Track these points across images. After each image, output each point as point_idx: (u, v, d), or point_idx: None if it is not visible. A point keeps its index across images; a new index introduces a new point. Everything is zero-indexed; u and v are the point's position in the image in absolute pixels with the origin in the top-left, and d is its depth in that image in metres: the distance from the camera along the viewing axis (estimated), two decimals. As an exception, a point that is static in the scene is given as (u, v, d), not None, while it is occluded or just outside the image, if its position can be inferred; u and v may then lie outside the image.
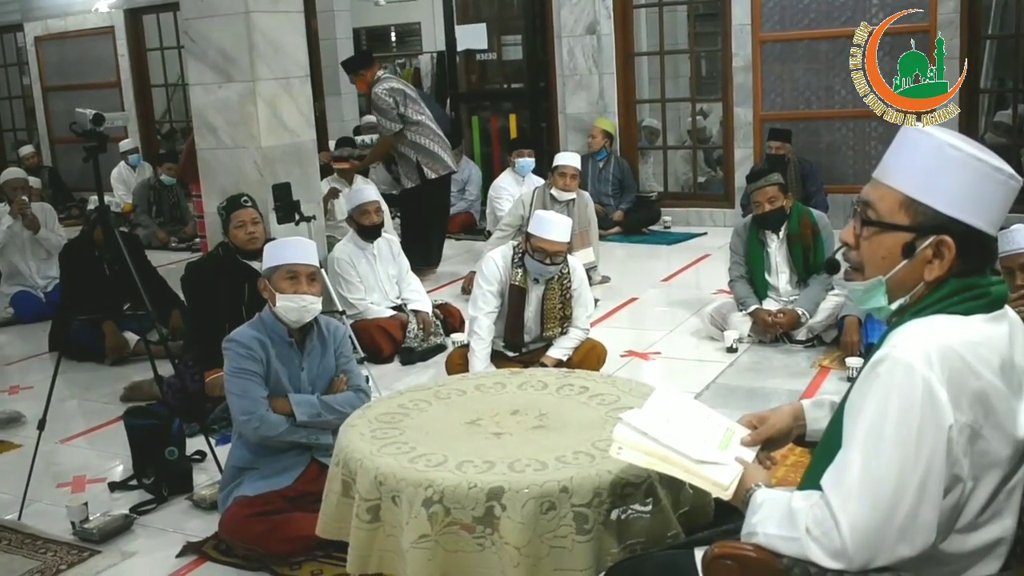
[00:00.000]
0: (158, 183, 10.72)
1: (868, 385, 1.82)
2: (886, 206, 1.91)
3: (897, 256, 1.90)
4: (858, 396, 1.84)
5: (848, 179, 9.04)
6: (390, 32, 15.75)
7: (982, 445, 1.79)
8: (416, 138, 7.89)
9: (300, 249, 3.80)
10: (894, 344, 1.81)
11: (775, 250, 5.91)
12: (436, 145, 7.98)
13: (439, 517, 2.42)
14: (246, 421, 3.63)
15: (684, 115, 11.25)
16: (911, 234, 1.88)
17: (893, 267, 1.91)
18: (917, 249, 1.88)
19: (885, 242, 1.91)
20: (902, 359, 1.77)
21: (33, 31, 14.51)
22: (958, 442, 1.75)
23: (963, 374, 1.77)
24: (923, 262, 1.88)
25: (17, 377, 6.24)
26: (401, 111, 7.83)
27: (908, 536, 1.74)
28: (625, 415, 2.14)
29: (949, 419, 1.74)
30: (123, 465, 4.56)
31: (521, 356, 5.11)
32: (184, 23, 5.99)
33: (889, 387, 1.77)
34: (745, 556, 1.87)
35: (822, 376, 5.29)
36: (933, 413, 1.73)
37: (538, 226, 4.89)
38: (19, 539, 3.88)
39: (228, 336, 3.71)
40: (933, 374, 1.74)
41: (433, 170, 7.95)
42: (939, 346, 1.77)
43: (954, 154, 1.85)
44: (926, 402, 1.73)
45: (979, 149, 1.87)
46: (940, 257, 1.87)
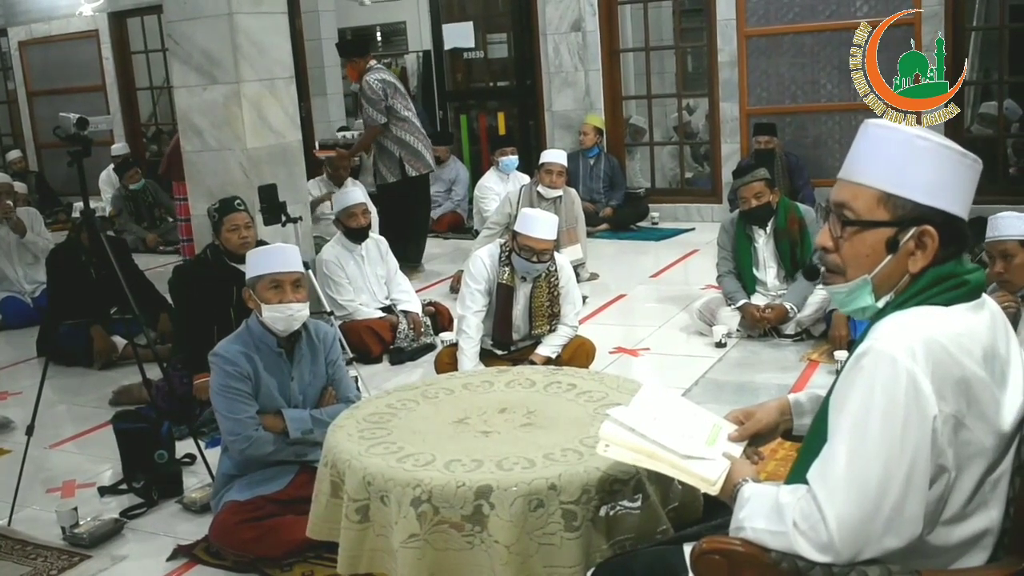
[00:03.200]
0: (128, 192, 10.68)
1: (852, 378, 1.82)
2: (863, 204, 1.92)
3: (881, 252, 1.91)
4: (842, 390, 1.85)
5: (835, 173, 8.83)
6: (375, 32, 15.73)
7: (966, 435, 1.80)
8: (401, 134, 7.86)
9: (282, 257, 3.73)
10: (876, 337, 1.82)
11: (762, 245, 5.92)
12: (420, 143, 7.96)
13: (428, 516, 2.42)
14: (233, 441, 3.61)
15: (670, 111, 11.26)
16: (893, 228, 1.89)
17: (878, 264, 1.92)
18: (901, 243, 1.89)
19: (867, 240, 1.92)
20: (885, 351, 1.78)
21: (17, 35, 14.46)
22: (942, 432, 1.76)
23: (946, 365, 1.77)
24: (906, 254, 1.89)
25: (5, 383, 6.22)
26: (389, 103, 7.80)
27: (895, 528, 1.75)
28: (612, 411, 2.14)
29: (933, 410, 1.74)
30: (113, 469, 4.54)
31: (510, 354, 5.11)
32: (168, 25, 5.98)
33: (873, 380, 1.77)
34: (733, 551, 1.87)
35: (811, 370, 5.30)
36: (917, 405, 1.74)
37: (524, 224, 4.89)
38: (9, 545, 3.87)
39: (213, 350, 3.65)
40: (917, 366, 1.75)
41: (415, 168, 7.92)
42: (922, 338, 1.78)
43: (924, 144, 1.88)
44: (910, 394, 1.74)
45: (941, 137, 1.90)
46: (923, 247, 1.88)
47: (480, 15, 11.01)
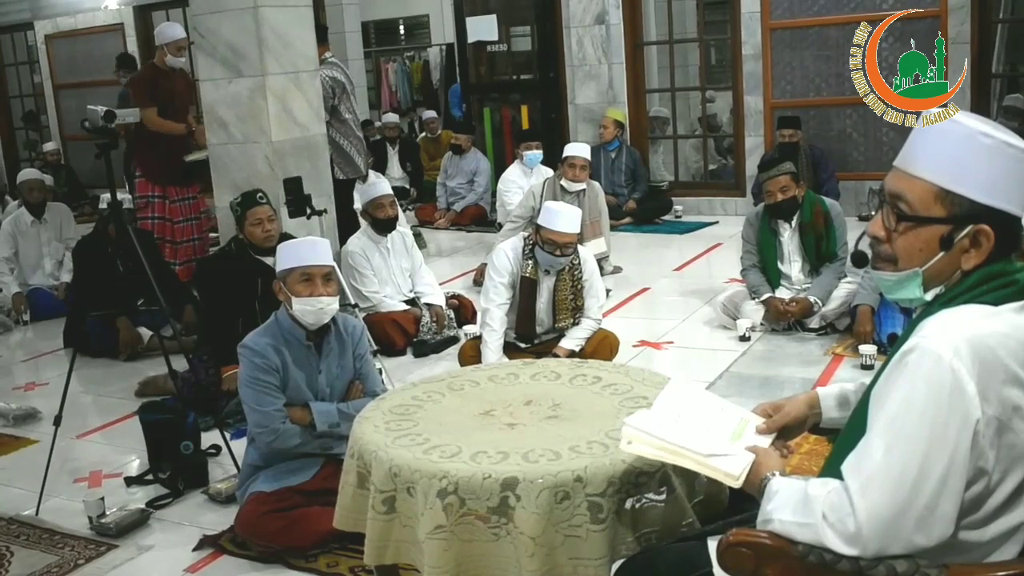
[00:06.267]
0: None
1: (896, 374, 1.79)
2: (919, 198, 1.86)
3: (935, 248, 1.86)
4: (885, 385, 1.82)
5: (859, 166, 9.03)
6: (398, 25, 15.76)
7: (1010, 438, 1.76)
8: (337, 136, 7.44)
9: (313, 249, 3.73)
10: (924, 334, 1.79)
11: (787, 239, 5.90)
12: (354, 148, 7.60)
13: (454, 508, 2.43)
14: (260, 434, 3.63)
15: (694, 104, 11.22)
16: (948, 226, 1.84)
17: (930, 259, 1.88)
18: (955, 240, 1.84)
19: (922, 235, 1.87)
20: (931, 349, 1.74)
21: (43, 29, 14.57)
22: (984, 435, 1.73)
23: (992, 366, 1.74)
24: (960, 252, 1.85)
25: (33, 374, 6.28)
26: (335, 103, 7.39)
27: (925, 527, 1.73)
28: (629, 419, 2.13)
29: (977, 412, 1.71)
30: (139, 460, 4.58)
31: (533, 347, 5.12)
32: (193, 19, 5.99)
33: (916, 377, 1.75)
34: (760, 543, 1.86)
35: (835, 364, 5.28)
36: (960, 405, 1.71)
37: (547, 218, 4.89)
38: (37, 534, 3.90)
39: (242, 342, 3.66)
40: (963, 365, 1.72)
41: (343, 171, 7.53)
42: (969, 337, 1.75)
43: (987, 142, 1.81)
44: (954, 394, 1.71)
45: (1007, 134, 1.83)
46: (978, 246, 1.83)
47: (503, 8, 10.98)
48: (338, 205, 7.77)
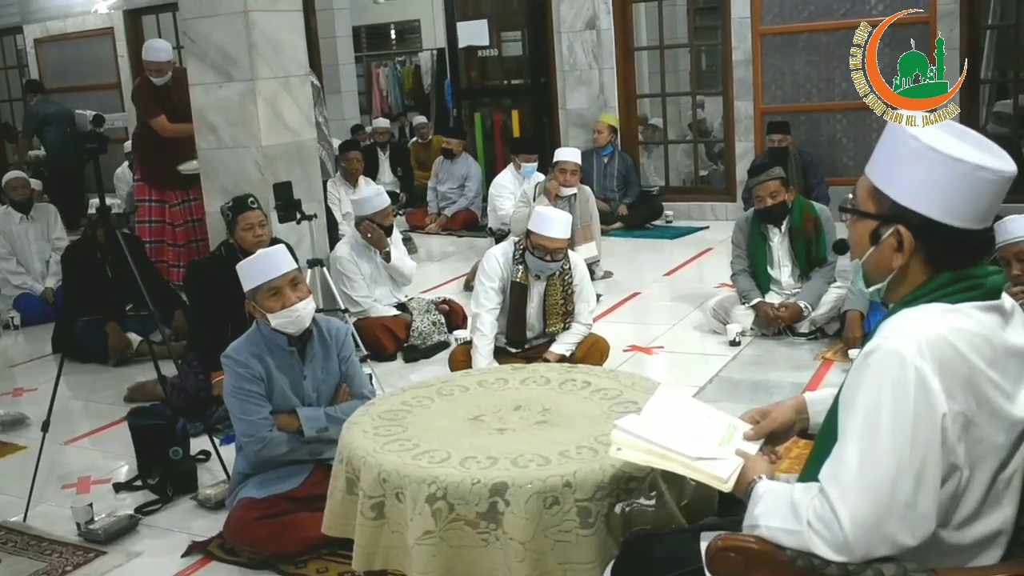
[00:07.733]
0: None
1: (860, 376, 1.82)
2: (861, 193, 1.98)
3: (867, 242, 1.95)
4: (851, 388, 1.85)
5: (849, 171, 9.04)
6: (390, 30, 15.77)
7: (976, 432, 1.79)
8: None
9: (271, 261, 3.65)
10: (885, 335, 1.82)
11: (777, 244, 5.91)
12: (324, 151, 7.55)
13: (443, 513, 2.43)
14: (248, 443, 3.61)
15: (684, 109, 11.24)
16: (875, 222, 1.93)
17: (865, 252, 1.97)
18: (881, 237, 1.92)
19: (859, 228, 1.98)
20: (893, 349, 1.78)
21: (33, 33, 14.51)
22: (952, 430, 1.76)
23: (954, 362, 1.77)
24: (890, 250, 1.91)
25: (21, 379, 6.25)
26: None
27: (908, 526, 1.75)
28: (619, 422, 2.14)
29: (943, 408, 1.74)
30: (128, 466, 4.56)
31: (524, 352, 5.11)
32: (183, 23, 5.98)
33: (881, 378, 1.77)
34: (748, 548, 1.87)
35: (825, 368, 5.29)
36: (926, 402, 1.74)
37: (538, 223, 4.89)
38: (25, 541, 3.88)
39: (225, 352, 3.64)
40: (925, 363, 1.75)
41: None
42: (929, 335, 1.78)
43: (913, 145, 1.86)
44: (919, 392, 1.74)
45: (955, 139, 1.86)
46: (900, 247, 1.90)
47: (495, 13, 11.00)
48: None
